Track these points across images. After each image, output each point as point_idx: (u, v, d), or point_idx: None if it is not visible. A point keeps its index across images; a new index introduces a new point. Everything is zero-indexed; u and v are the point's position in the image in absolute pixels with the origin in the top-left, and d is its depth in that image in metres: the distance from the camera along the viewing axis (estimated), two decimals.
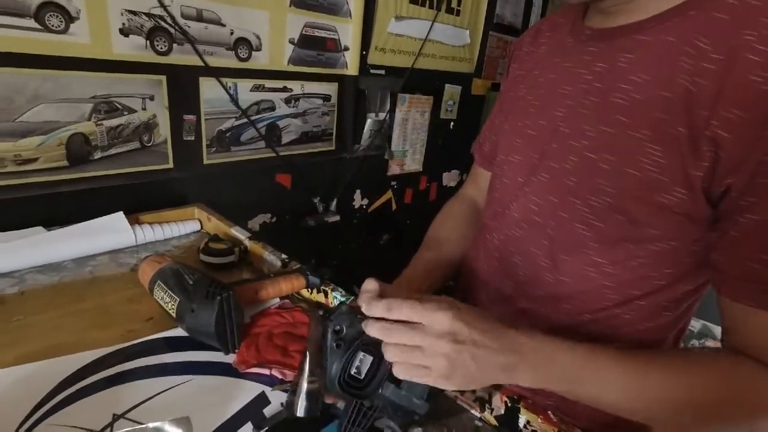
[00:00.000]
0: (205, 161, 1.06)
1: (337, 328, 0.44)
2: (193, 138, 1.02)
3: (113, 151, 0.91)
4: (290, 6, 1.09)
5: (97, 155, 0.89)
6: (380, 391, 0.44)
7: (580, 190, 0.50)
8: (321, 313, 0.47)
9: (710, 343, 1.30)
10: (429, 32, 1.47)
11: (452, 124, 1.79)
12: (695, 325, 1.18)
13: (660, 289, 0.52)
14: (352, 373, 0.44)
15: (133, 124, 0.92)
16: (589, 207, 0.50)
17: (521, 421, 0.51)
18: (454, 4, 1.54)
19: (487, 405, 0.53)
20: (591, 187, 0.49)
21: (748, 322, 0.43)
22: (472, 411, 0.54)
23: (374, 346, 0.44)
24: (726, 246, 0.44)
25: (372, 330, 0.41)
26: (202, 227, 0.95)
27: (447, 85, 1.69)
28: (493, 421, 0.53)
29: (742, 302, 0.43)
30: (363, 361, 0.44)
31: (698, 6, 0.43)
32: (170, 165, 1.00)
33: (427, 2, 1.44)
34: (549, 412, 0.50)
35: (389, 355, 0.41)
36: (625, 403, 0.45)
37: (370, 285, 0.45)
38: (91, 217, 0.80)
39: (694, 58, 0.42)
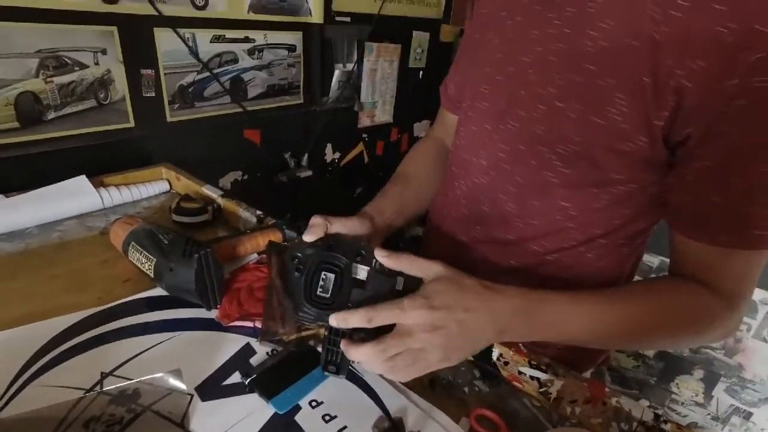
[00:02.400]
0: (169, 118, 1.02)
1: (295, 255, 0.47)
2: (153, 94, 0.97)
3: (68, 110, 0.86)
4: None
5: (51, 115, 0.84)
6: (349, 302, 0.46)
7: (548, 138, 0.52)
8: (276, 248, 0.49)
9: None
10: None
11: (421, 72, 1.76)
12: (653, 261, 1.27)
13: (619, 228, 0.55)
14: (318, 293, 0.46)
15: (87, 80, 0.86)
16: (556, 154, 0.51)
17: (494, 355, 0.54)
18: None
19: None
20: (559, 136, 0.51)
21: (697, 254, 0.48)
22: None
23: (333, 264, 0.47)
24: (681, 189, 0.47)
25: (359, 353, 0.43)
26: (171, 187, 0.93)
27: (415, 32, 1.65)
28: (470, 356, 0.56)
29: (694, 239, 0.47)
30: (326, 280, 0.47)
31: None
32: (131, 123, 0.95)
33: None
34: (519, 344, 0.54)
35: (389, 373, 0.43)
36: (601, 338, 0.50)
37: (317, 219, 0.50)
38: (51, 181, 0.77)
39: (661, 5, 0.42)
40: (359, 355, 0.43)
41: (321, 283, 0.47)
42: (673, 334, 0.51)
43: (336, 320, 0.44)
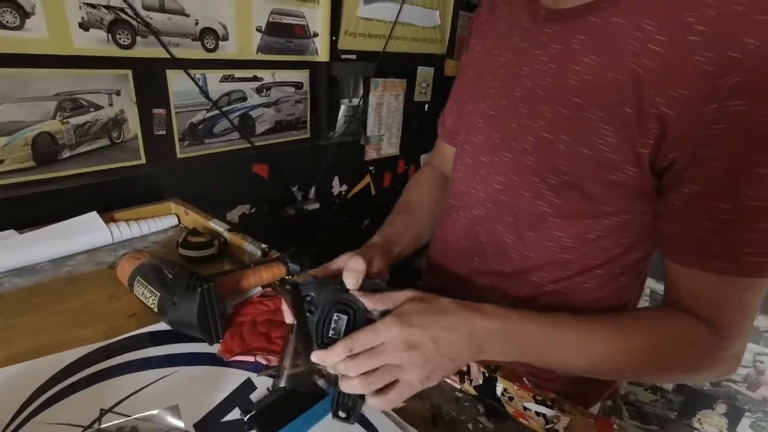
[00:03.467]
0: (179, 155, 1.05)
1: (307, 297, 0.47)
2: (164, 132, 1.01)
3: (82, 149, 0.89)
4: None
5: (66, 154, 0.87)
6: None
7: (538, 169, 0.52)
8: (288, 286, 0.48)
9: None
10: (398, 14, 1.47)
11: (427, 106, 1.80)
12: (658, 287, 1.24)
13: (616, 258, 0.55)
14: (330, 335, 0.45)
15: (101, 120, 0.90)
16: (547, 185, 0.52)
17: (498, 390, 0.53)
18: None
19: (466, 376, 0.55)
20: (549, 167, 0.51)
21: (690, 283, 0.47)
22: (452, 383, 0.57)
23: (347, 305, 0.46)
24: (671, 214, 0.46)
25: (330, 358, 0.43)
26: (179, 222, 0.95)
27: (420, 68, 1.69)
28: (473, 391, 0.55)
29: (686, 265, 0.46)
30: (339, 322, 0.46)
31: None
32: (142, 161, 0.99)
33: None
34: (524, 378, 0.53)
35: (369, 391, 0.43)
36: (583, 366, 0.49)
37: (359, 265, 0.48)
38: (64, 217, 0.79)
39: (641, 40, 0.43)
40: (330, 359, 0.43)
41: (333, 325, 0.46)
42: (661, 367, 0.49)
43: (317, 357, 0.44)
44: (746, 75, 0.38)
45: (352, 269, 0.47)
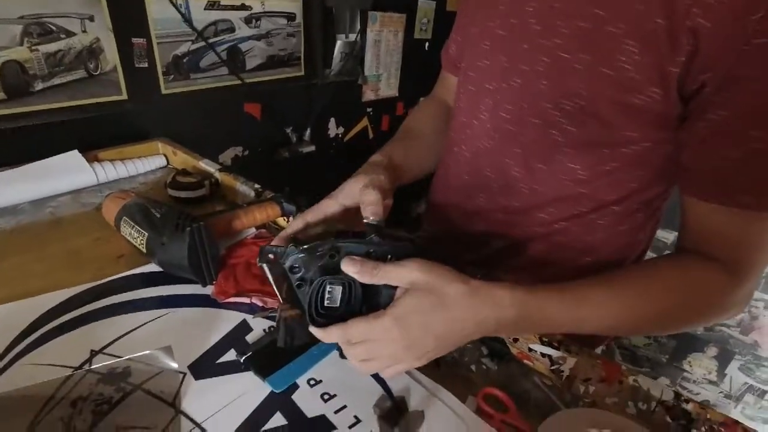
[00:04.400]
0: (164, 90, 0.99)
1: (295, 269, 0.41)
2: (146, 65, 0.94)
3: (56, 80, 0.82)
4: None
5: (38, 86, 0.81)
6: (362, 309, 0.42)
7: (552, 93, 0.48)
8: (271, 256, 0.42)
9: None
10: None
11: (427, 44, 1.70)
12: (668, 237, 1.23)
13: (633, 193, 0.51)
14: (326, 304, 0.41)
15: (75, 49, 0.83)
16: (561, 111, 0.47)
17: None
18: None
19: None
20: (564, 90, 0.47)
21: (709, 222, 0.44)
22: None
23: (338, 274, 0.40)
24: (695, 144, 0.42)
25: (330, 335, 0.40)
26: (168, 162, 0.90)
27: (420, 1, 1.58)
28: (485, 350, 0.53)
29: (707, 200, 0.43)
30: (333, 293, 0.41)
31: None
32: (124, 96, 0.92)
33: None
34: None
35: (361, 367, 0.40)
36: (611, 331, 0.46)
37: (373, 197, 0.43)
38: (42, 156, 0.74)
39: None
40: (327, 340, 0.40)
41: (328, 296, 0.41)
42: (683, 318, 0.47)
43: (314, 334, 0.40)
44: None
45: (369, 203, 0.43)
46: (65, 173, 0.76)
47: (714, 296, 0.45)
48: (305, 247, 0.41)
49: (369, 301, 0.41)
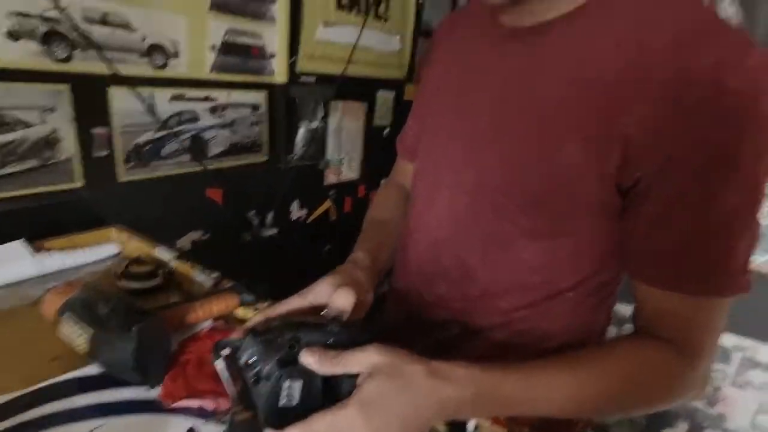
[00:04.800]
0: (122, 178, 0.97)
1: (250, 361, 0.38)
2: (106, 153, 0.93)
3: (8, 170, 0.80)
4: (210, 10, 1.04)
5: None
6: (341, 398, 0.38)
7: (504, 186, 0.51)
8: (227, 350, 0.39)
9: None
10: (358, 39, 1.47)
11: (387, 130, 1.80)
12: (628, 310, 1.26)
13: (585, 280, 0.53)
14: (282, 404, 0.38)
15: (30, 139, 0.81)
16: (514, 203, 0.50)
17: (470, 425, 0.49)
18: (381, 11, 1.55)
19: None
20: (515, 183, 0.50)
21: (659, 305, 0.46)
22: None
23: (298, 368, 0.38)
24: (637, 234, 0.46)
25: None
26: (120, 251, 0.86)
27: (380, 91, 1.69)
28: (443, 428, 0.51)
29: (654, 286, 0.45)
30: (291, 389, 0.38)
31: (600, 7, 0.45)
32: (79, 184, 0.90)
33: (355, 9, 1.44)
34: None
35: None
36: (570, 412, 0.45)
37: (347, 300, 0.44)
38: None
39: (601, 59, 0.43)
40: None
41: (285, 393, 0.38)
42: (641, 399, 0.47)
43: None
44: (706, 92, 0.38)
45: (338, 307, 0.43)
46: (4, 263, 0.71)
47: (669, 378, 0.46)
48: (263, 338, 0.39)
49: (330, 393, 0.39)
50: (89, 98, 0.88)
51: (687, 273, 0.43)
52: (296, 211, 1.52)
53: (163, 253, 0.81)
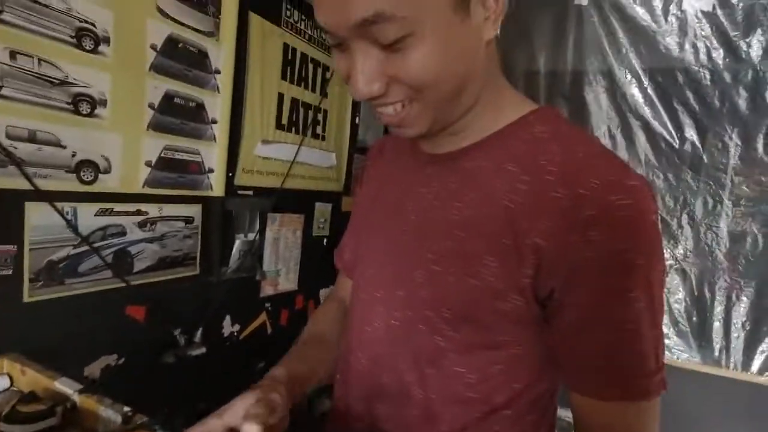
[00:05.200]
0: (26, 299, 0.88)
1: None
2: (10, 272, 0.85)
3: None
4: (148, 129, 1.06)
5: None
6: None
7: (431, 302, 0.52)
8: None
9: None
10: (296, 155, 1.54)
11: (326, 240, 1.81)
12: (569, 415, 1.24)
13: (521, 393, 0.53)
14: None
15: None
16: (442, 318, 0.51)
17: None
18: (319, 131, 1.66)
19: None
20: (441, 299, 0.51)
21: (592, 412, 0.47)
22: None
23: None
24: (559, 343, 0.48)
25: None
26: (12, 384, 0.75)
27: (317, 203, 1.74)
28: None
29: (582, 394, 0.47)
30: None
31: (503, 137, 0.52)
32: None
33: (293, 128, 1.53)
34: None
35: None
36: None
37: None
38: None
39: (508, 180, 0.49)
40: None
41: None
42: None
43: None
44: (596, 209, 0.43)
45: None
46: None
47: None
48: None
49: None
50: (1, 215, 0.82)
51: (606, 380, 0.45)
52: (228, 327, 1.43)
53: (64, 386, 0.70)
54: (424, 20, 0.41)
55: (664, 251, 0.47)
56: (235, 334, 1.45)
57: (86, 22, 0.90)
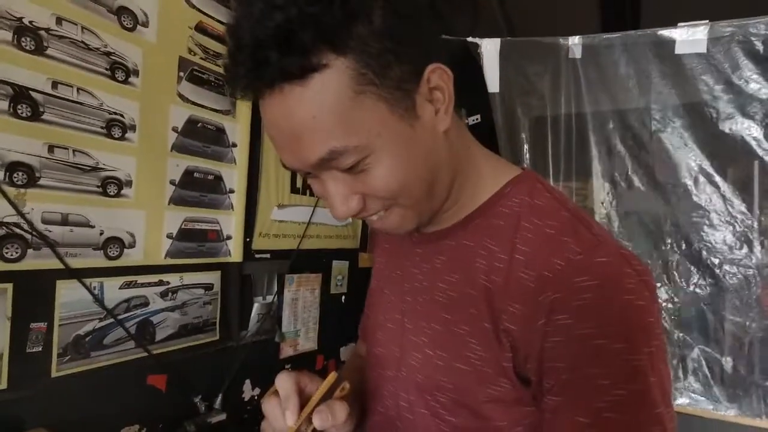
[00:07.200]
0: (54, 374, 0.92)
1: None
2: (40, 349, 0.89)
3: None
4: (169, 204, 1.13)
5: None
6: None
7: (428, 386, 0.52)
8: None
9: None
10: (311, 216, 1.60)
11: (344, 297, 1.82)
12: None
13: None
14: None
15: None
16: (439, 403, 0.51)
17: None
18: None
19: None
20: (435, 384, 0.51)
21: None
22: None
23: None
24: (547, 424, 0.46)
25: None
26: None
27: (334, 261, 1.77)
28: None
29: None
30: None
31: (482, 214, 0.52)
32: (3, 386, 0.84)
33: (308, 191, 1.60)
34: None
35: None
36: None
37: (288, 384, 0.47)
38: None
39: (488, 258, 0.49)
40: None
41: None
42: None
43: None
44: (560, 292, 0.42)
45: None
46: None
47: None
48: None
49: None
50: (33, 294, 0.88)
51: None
52: (249, 391, 1.43)
53: None
54: (376, 141, 0.42)
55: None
56: (256, 398, 1.45)
57: (115, 113, 1.00)
